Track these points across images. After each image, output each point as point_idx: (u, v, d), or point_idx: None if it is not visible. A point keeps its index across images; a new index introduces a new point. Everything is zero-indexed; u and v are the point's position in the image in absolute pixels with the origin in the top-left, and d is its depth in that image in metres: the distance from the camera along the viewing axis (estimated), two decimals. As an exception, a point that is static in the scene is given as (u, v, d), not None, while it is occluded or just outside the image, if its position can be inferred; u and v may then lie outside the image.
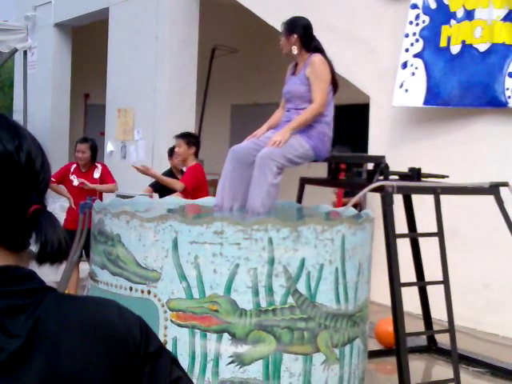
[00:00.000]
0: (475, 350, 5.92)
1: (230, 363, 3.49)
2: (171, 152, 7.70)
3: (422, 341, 5.96)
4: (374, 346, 5.73)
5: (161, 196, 6.89)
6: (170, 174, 7.61)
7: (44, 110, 13.41)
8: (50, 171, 1.14)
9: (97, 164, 7.52)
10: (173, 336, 3.50)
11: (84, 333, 1.04)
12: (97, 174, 7.37)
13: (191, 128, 10.64)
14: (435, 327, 5.60)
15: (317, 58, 4.70)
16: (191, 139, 7.21)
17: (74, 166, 7.41)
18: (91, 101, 15.92)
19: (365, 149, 8.05)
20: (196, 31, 10.60)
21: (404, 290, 4.46)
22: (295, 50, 4.78)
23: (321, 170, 5.58)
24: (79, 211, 5.22)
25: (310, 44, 4.80)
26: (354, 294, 3.82)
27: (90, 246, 4.24)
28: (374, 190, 4.52)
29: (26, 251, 1.08)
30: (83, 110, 16.17)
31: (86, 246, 5.44)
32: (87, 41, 13.78)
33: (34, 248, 1.09)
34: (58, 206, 10.61)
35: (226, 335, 3.48)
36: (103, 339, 1.05)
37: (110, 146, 11.66)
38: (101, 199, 6.75)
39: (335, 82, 4.80)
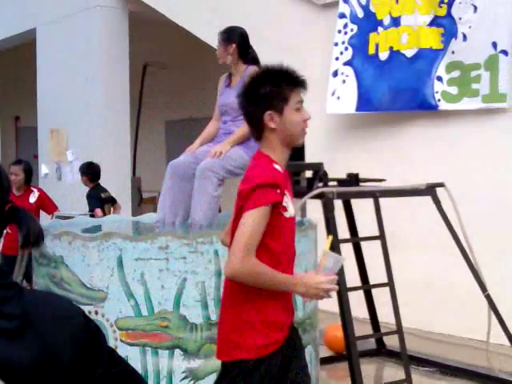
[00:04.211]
0: (423, 350, 6.02)
1: (183, 379, 3.47)
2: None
3: (371, 345, 6.03)
4: (324, 352, 5.76)
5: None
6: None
7: (-27, 135, 13.12)
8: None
9: (32, 188, 7.36)
10: (124, 355, 3.42)
11: (55, 318, 1.28)
12: (32, 199, 7.21)
13: (127, 146, 10.57)
14: (383, 330, 5.67)
15: (254, 70, 4.71)
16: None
17: (8, 190, 7.23)
18: (22, 123, 15.64)
19: (302, 158, 8.12)
20: (127, 48, 10.53)
21: (350, 296, 4.50)
22: (230, 60, 4.77)
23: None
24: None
25: (248, 54, 4.81)
26: (302, 301, 3.85)
27: (31, 270, 4.14)
28: (315, 196, 4.56)
29: None
30: (14, 133, 15.85)
31: (27, 272, 5.31)
32: (15, 63, 13.54)
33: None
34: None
35: (177, 351, 3.46)
36: (68, 323, 1.30)
37: (44, 169, 11.46)
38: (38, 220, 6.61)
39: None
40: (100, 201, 7.89)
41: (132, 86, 10.85)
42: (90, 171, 8.08)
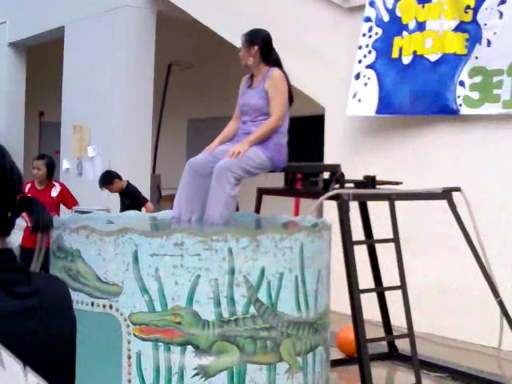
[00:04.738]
0: (435, 355, 6.01)
1: (194, 375, 3.49)
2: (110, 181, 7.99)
3: (383, 348, 6.03)
4: (336, 355, 5.77)
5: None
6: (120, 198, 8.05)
7: (-3, 129, 13.28)
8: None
9: (54, 183, 7.45)
10: (136, 350, 3.49)
11: (57, 297, 1.44)
12: (54, 193, 7.30)
13: (148, 143, 10.66)
14: (395, 334, 5.67)
15: (276, 72, 4.76)
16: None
17: (29, 185, 7.33)
18: (46, 119, 15.79)
19: (321, 159, 8.15)
20: (153, 48, 10.62)
21: (363, 298, 4.52)
22: (252, 62, 4.82)
23: (279, 180, 5.63)
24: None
25: (270, 56, 4.86)
26: (314, 301, 3.86)
27: (48, 265, 4.20)
28: (331, 198, 4.58)
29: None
30: (38, 128, 16.02)
31: (45, 266, 5.39)
32: (42, 59, 13.68)
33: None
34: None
35: (189, 347, 3.49)
36: (65, 301, 1.47)
37: (65, 164, 11.58)
38: (58, 216, 6.70)
39: (291, 95, 4.88)
40: (139, 195, 8.03)
41: (156, 85, 10.94)
42: (115, 174, 8.12)
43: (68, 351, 1.44)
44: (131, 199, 7.91)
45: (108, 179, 8.00)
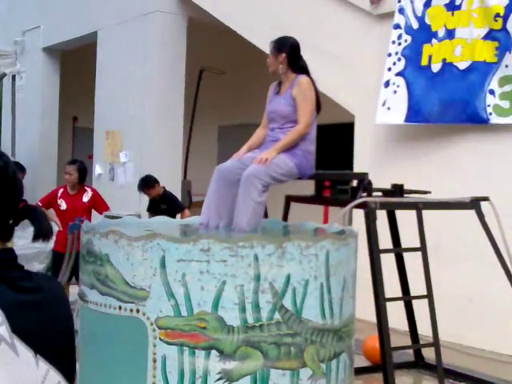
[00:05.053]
0: (462, 365, 5.98)
1: (218, 380, 3.53)
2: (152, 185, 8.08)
3: (410, 357, 6.02)
4: (362, 363, 5.78)
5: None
6: (153, 203, 8.07)
7: (32, 134, 13.48)
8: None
9: (86, 188, 7.56)
10: (162, 354, 3.54)
11: (55, 295, 1.54)
12: (85, 198, 7.40)
13: (179, 149, 10.75)
14: (422, 343, 5.66)
15: (304, 79, 4.80)
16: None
17: (62, 190, 7.45)
18: (79, 124, 16.01)
19: (350, 166, 8.16)
20: (184, 54, 10.72)
21: (391, 307, 4.52)
22: (282, 69, 4.87)
23: (307, 188, 5.66)
24: (68, 232, 5.27)
25: (297, 64, 4.89)
26: (339, 309, 3.88)
27: (78, 268, 4.28)
28: (358, 206, 4.60)
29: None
30: (71, 133, 16.24)
31: (75, 270, 5.47)
32: (75, 64, 13.87)
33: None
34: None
35: (214, 352, 3.53)
36: (60, 297, 1.56)
37: (98, 169, 11.73)
38: (89, 221, 6.80)
39: (319, 102, 4.90)
40: (176, 201, 8.13)
41: (187, 90, 11.03)
42: (155, 179, 8.22)
43: (70, 338, 1.56)
44: (168, 205, 8.00)
45: (150, 183, 8.11)
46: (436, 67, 7.05)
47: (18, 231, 1.55)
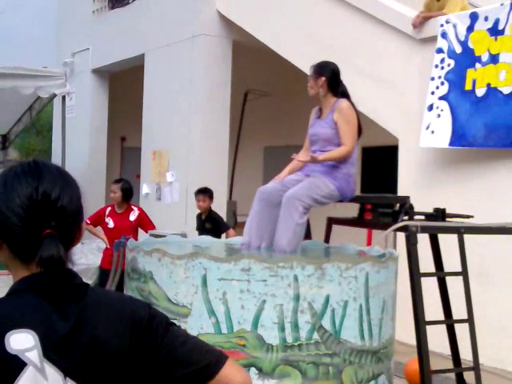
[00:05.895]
0: (504, 390, 5.93)
1: (257, 397, 3.60)
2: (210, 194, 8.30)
3: (452, 382, 5.96)
4: (404, 385, 5.77)
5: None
6: (199, 221, 8.08)
7: (82, 153, 13.77)
8: (80, 205, 1.57)
9: (133, 207, 7.72)
10: (202, 370, 3.62)
11: (110, 314, 1.54)
12: (132, 217, 7.56)
13: (225, 170, 10.89)
14: (464, 367, 5.61)
15: (344, 103, 4.87)
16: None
17: (109, 208, 7.63)
18: (127, 144, 16.29)
19: (395, 189, 8.17)
20: (229, 75, 10.89)
21: (434, 331, 4.51)
22: (321, 93, 4.96)
23: (349, 210, 5.71)
24: (114, 249, 5.41)
25: (337, 88, 4.97)
26: (378, 330, 3.92)
27: (123, 285, 4.40)
28: (399, 229, 4.63)
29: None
30: (119, 152, 16.52)
31: (120, 286, 5.60)
32: (123, 85, 14.17)
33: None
34: (95, 245, 10.88)
35: (253, 369, 3.59)
36: (122, 318, 1.54)
37: (145, 189, 11.92)
38: (135, 239, 6.94)
39: (360, 126, 4.97)
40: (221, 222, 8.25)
41: (232, 112, 11.18)
42: (213, 193, 8.38)
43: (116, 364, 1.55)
44: (213, 224, 8.12)
45: (207, 192, 8.30)
46: (480, 92, 7.05)
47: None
